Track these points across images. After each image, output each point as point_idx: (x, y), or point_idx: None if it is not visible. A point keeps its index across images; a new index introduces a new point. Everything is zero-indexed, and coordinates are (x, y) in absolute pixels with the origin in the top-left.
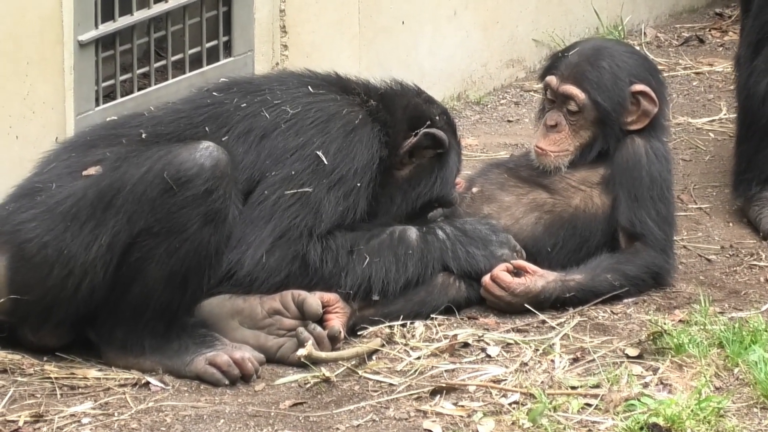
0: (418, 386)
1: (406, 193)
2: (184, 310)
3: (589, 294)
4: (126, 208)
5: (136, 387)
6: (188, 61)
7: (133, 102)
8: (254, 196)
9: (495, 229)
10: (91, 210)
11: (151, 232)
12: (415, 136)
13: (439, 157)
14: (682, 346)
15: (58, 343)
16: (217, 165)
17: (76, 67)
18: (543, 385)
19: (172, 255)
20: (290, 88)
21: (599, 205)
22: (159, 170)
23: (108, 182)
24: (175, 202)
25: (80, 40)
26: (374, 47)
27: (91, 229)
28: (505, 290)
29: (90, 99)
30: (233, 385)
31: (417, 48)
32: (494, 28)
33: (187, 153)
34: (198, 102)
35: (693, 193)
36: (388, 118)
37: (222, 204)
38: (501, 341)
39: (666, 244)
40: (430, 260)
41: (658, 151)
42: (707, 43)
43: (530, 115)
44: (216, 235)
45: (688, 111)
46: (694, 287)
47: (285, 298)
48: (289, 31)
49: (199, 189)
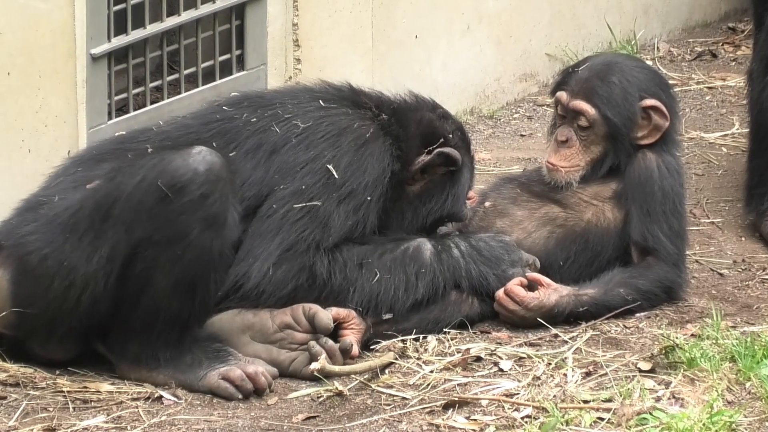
0: (430, 400)
1: (417, 209)
2: (194, 318)
3: (602, 308)
4: (123, 219)
5: (148, 401)
6: (201, 75)
7: (145, 115)
8: (263, 209)
9: (508, 248)
10: (89, 221)
11: (152, 241)
12: (428, 154)
13: (452, 175)
14: (695, 360)
15: (66, 357)
16: (211, 168)
17: (89, 81)
18: (555, 399)
19: (176, 263)
20: (302, 102)
21: (611, 219)
22: (153, 178)
23: (104, 193)
24: (172, 210)
25: (93, 53)
26: (387, 61)
27: (90, 241)
28: (519, 304)
29: (102, 112)
30: (246, 399)
31: (430, 62)
32: (507, 42)
33: (181, 159)
34: (207, 117)
35: (705, 207)
36: (401, 132)
37: (220, 207)
38: (513, 355)
39: (678, 259)
40: (442, 280)
41: (670, 165)
42: (720, 57)
43: (543, 130)
44: (218, 239)
45: (701, 126)
46: (707, 301)
47: (296, 312)
48: (302, 45)
49: (195, 194)
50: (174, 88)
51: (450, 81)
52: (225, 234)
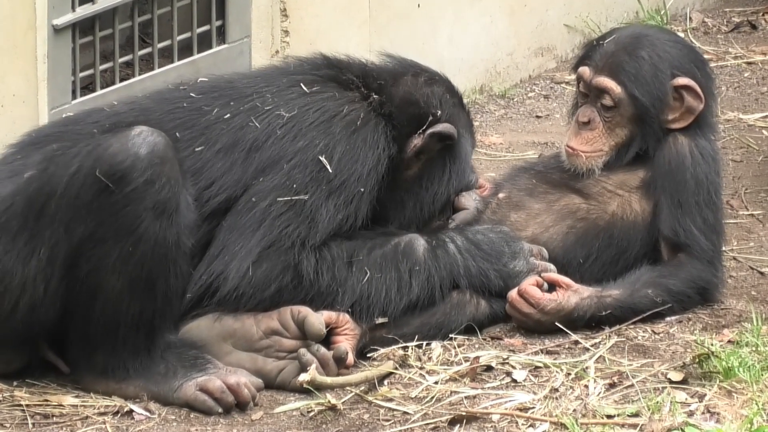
0: (435, 415)
1: (419, 195)
2: (160, 318)
3: (628, 311)
4: (60, 216)
5: (117, 415)
6: (177, 49)
7: (114, 94)
8: (240, 203)
9: (508, 239)
10: (22, 220)
11: (97, 239)
12: (420, 136)
13: (450, 148)
14: (732, 370)
15: (8, 369)
16: (154, 150)
17: (51, 55)
18: (575, 414)
19: (128, 260)
20: (281, 89)
21: (638, 211)
22: (90, 168)
23: (36, 186)
24: (115, 201)
25: (55, 24)
26: (387, 34)
27: (25, 242)
28: (535, 307)
29: (66, 91)
30: (227, 413)
31: (435, 35)
32: (522, 12)
33: (118, 143)
34: (171, 102)
35: (744, 198)
36: (393, 110)
37: (169, 192)
38: (528, 364)
39: (713, 256)
40: (438, 279)
41: (704, 150)
42: (760, 29)
43: (561, 110)
44: (172, 227)
45: (739, 106)
46: (745, 303)
47: (284, 316)
48: (291, 15)
49: (139, 181)
50: (146, 63)
51: (457, 56)
52: (179, 221)
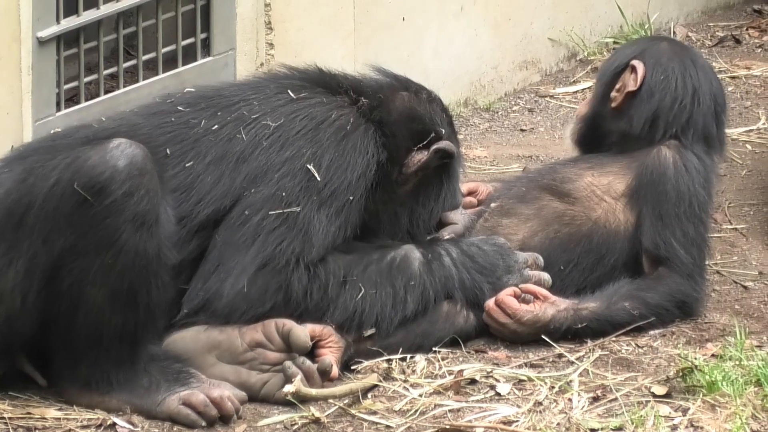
0: (419, 428)
1: (414, 210)
2: (143, 331)
3: (605, 324)
4: (39, 228)
5: (101, 429)
6: (161, 61)
7: (99, 106)
8: (233, 216)
9: (503, 252)
10: (0, 231)
11: (77, 252)
12: (420, 151)
13: (446, 167)
14: (715, 384)
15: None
16: (132, 163)
17: (35, 67)
18: (559, 427)
19: (108, 272)
20: (269, 96)
21: (622, 220)
22: (68, 180)
23: (15, 198)
24: (94, 214)
25: (39, 36)
26: (372, 46)
27: (3, 253)
28: (511, 317)
29: (50, 103)
30: (211, 426)
31: (420, 47)
32: (506, 25)
33: (97, 156)
34: (159, 117)
35: (728, 211)
36: (384, 116)
37: (148, 204)
38: (512, 377)
39: (693, 270)
40: (433, 293)
41: (689, 163)
42: (744, 43)
43: (546, 124)
44: (152, 239)
45: None
46: (729, 317)
47: (268, 329)
48: (276, 27)
49: (118, 194)
50: (131, 75)
51: (442, 68)
52: (159, 233)
